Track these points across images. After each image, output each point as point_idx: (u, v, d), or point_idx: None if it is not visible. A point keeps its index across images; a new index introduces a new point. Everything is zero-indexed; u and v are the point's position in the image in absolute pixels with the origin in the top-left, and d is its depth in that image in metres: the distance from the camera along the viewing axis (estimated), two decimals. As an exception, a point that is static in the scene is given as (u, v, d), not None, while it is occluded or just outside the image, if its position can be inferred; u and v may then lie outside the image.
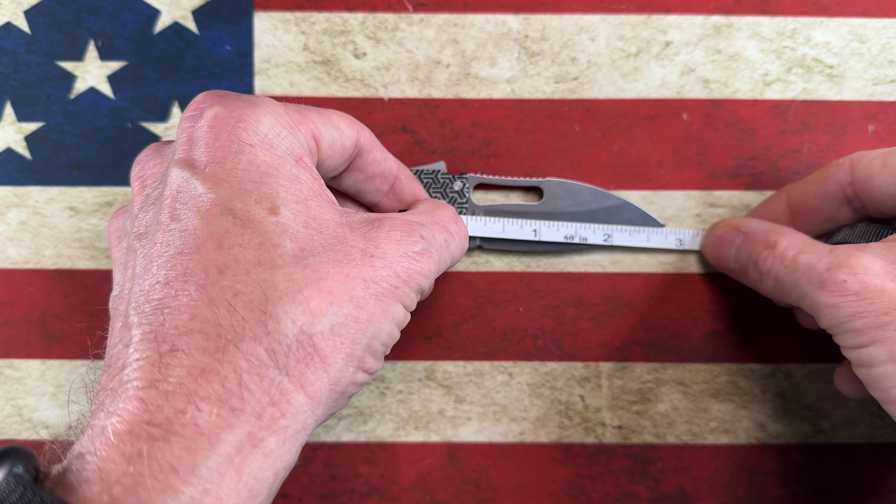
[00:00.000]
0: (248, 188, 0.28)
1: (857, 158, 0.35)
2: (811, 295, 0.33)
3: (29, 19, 0.41)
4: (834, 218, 0.37)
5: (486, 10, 0.42)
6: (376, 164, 0.36)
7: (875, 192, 0.35)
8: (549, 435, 0.42)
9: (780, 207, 0.39)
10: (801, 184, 0.38)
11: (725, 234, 0.39)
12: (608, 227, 0.41)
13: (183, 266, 0.26)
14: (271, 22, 0.42)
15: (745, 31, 0.42)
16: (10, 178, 0.42)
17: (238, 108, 0.29)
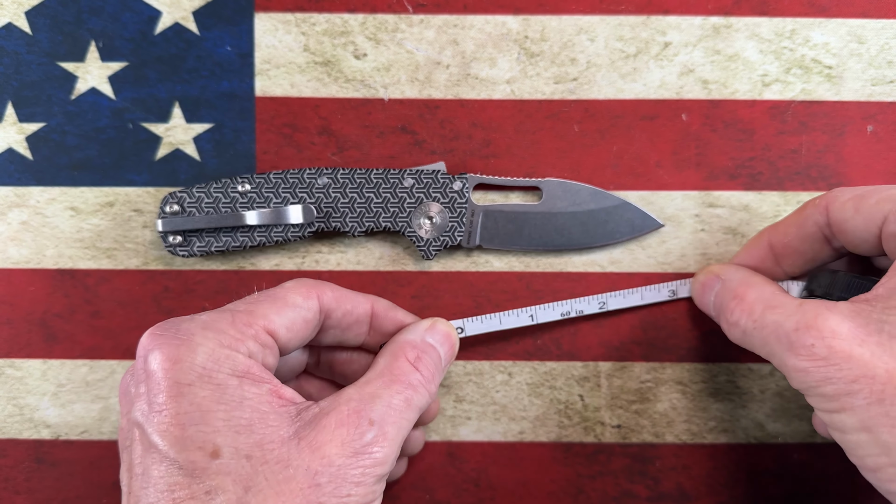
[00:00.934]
0: (190, 433, 0.29)
1: (831, 199, 0.35)
2: (779, 355, 0.33)
3: (30, 20, 0.42)
4: (817, 257, 0.37)
5: (485, 11, 0.42)
6: (347, 315, 0.36)
7: (849, 235, 0.34)
8: (549, 434, 0.42)
9: (762, 250, 0.38)
10: (780, 226, 0.38)
11: (707, 280, 0.39)
12: (602, 296, 0.41)
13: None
14: (272, 23, 0.42)
15: (744, 32, 0.42)
16: (11, 178, 0.42)
17: (174, 347, 0.30)
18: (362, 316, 0.37)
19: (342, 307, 0.36)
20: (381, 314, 0.37)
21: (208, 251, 0.40)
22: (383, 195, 0.40)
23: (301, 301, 0.33)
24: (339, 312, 0.36)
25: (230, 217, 0.39)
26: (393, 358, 0.34)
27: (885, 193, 0.33)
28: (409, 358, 0.34)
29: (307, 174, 0.40)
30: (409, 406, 0.33)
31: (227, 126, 0.42)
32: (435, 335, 0.37)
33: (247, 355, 0.31)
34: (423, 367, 0.34)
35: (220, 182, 0.40)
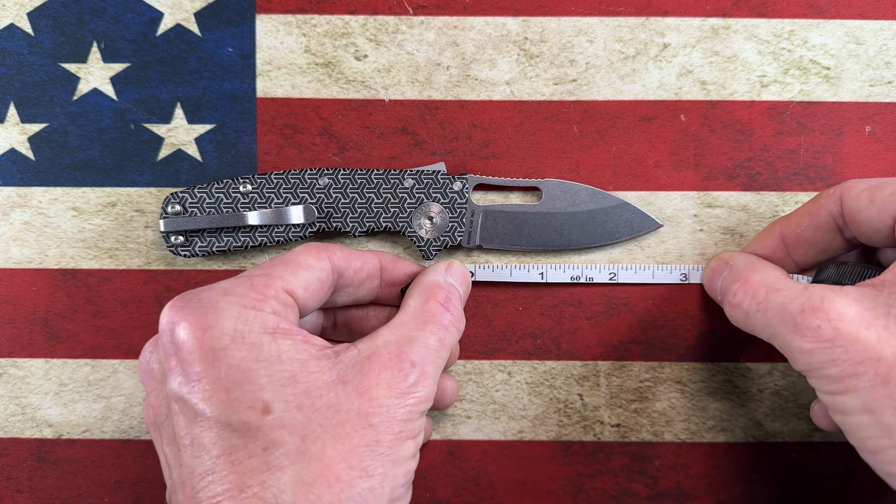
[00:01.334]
0: (237, 395, 0.29)
1: (846, 189, 0.35)
2: (783, 336, 0.33)
3: (32, 21, 0.42)
4: (829, 248, 0.37)
5: (485, 13, 0.42)
6: (358, 272, 0.37)
7: (862, 225, 0.35)
8: (548, 433, 0.42)
9: (774, 241, 0.38)
10: (793, 216, 0.38)
11: (717, 266, 0.40)
12: (613, 266, 0.42)
13: (211, 490, 0.28)
14: (273, 24, 0.42)
15: (743, 33, 0.42)
16: (13, 178, 0.42)
17: (200, 315, 0.30)
18: (373, 271, 0.38)
19: (352, 265, 0.36)
20: (389, 266, 0.38)
21: (210, 251, 0.40)
22: (384, 195, 0.41)
23: (313, 262, 0.34)
24: (351, 270, 0.36)
25: (232, 217, 0.40)
26: (424, 300, 0.35)
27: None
28: (439, 299, 0.35)
29: (308, 174, 0.40)
30: (443, 345, 0.34)
31: (228, 127, 0.42)
32: (454, 276, 0.38)
33: (272, 313, 0.31)
34: (452, 307, 0.35)
35: (221, 182, 0.40)
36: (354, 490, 0.29)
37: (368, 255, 0.38)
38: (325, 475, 0.28)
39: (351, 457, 0.29)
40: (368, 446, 0.30)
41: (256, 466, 0.28)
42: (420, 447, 0.32)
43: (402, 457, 0.30)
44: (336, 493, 0.28)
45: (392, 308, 0.39)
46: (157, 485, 0.42)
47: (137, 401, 0.42)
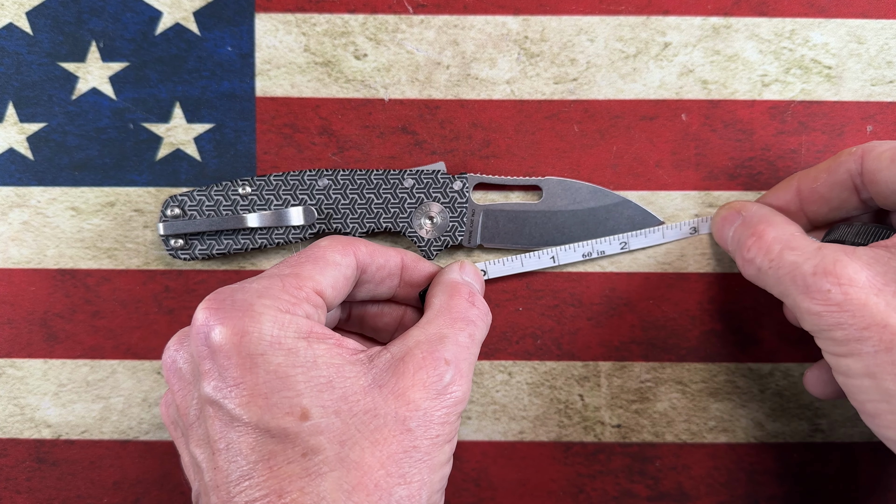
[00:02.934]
0: (275, 401, 0.29)
1: (868, 149, 0.35)
2: (793, 296, 0.33)
3: (31, 20, 0.42)
4: (843, 207, 0.37)
5: (485, 12, 0.42)
6: (380, 269, 0.37)
7: (881, 185, 0.35)
8: (549, 434, 0.42)
9: (789, 194, 0.38)
10: (811, 171, 0.38)
11: (728, 215, 0.39)
12: (623, 235, 0.41)
13: (249, 494, 0.28)
14: (272, 23, 0.42)
15: (744, 33, 0.42)
16: (12, 178, 0.42)
17: (237, 319, 0.30)
18: (394, 269, 0.37)
19: (376, 261, 0.36)
20: (410, 266, 0.38)
21: (210, 254, 0.40)
22: (384, 196, 0.40)
23: (340, 258, 0.34)
24: (374, 266, 0.36)
25: (231, 220, 0.39)
26: (448, 297, 0.35)
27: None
28: (463, 295, 0.35)
29: (307, 176, 0.40)
30: (474, 341, 0.34)
31: (227, 126, 0.42)
32: (468, 274, 0.38)
33: (305, 317, 0.31)
34: (478, 302, 0.35)
35: (220, 185, 0.40)
36: (393, 498, 0.29)
37: (391, 252, 0.37)
38: (364, 482, 0.28)
39: (389, 463, 0.29)
40: (406, 452, 0.29)
41: (295, 472, 0.28)
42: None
43: (439, 462, 0.30)
44: (375, 500, 0.28)
45: (407, 307, 0.39)
46: (156, 485, 0.42)
47: (136, 401, 0.42)
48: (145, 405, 0.42)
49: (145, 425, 0.42)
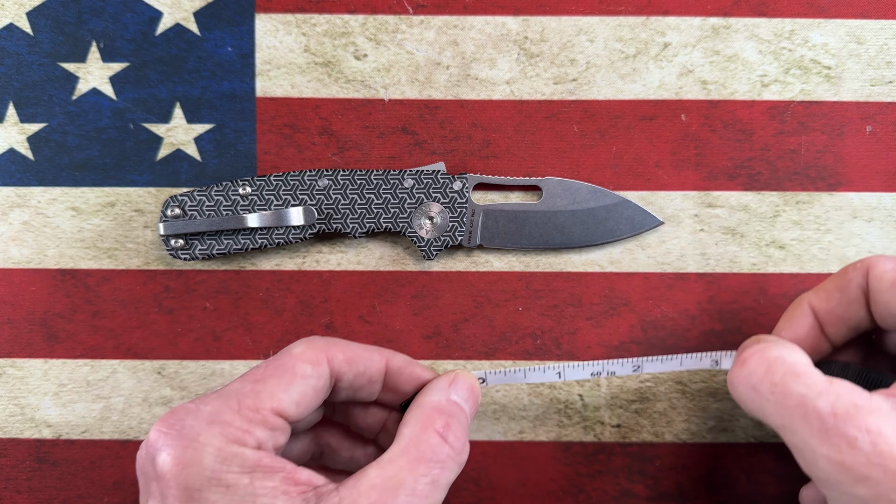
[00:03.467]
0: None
1: (872, 264, 0.33)
2: (803, 435, 0.29)
3: (31, 21, 0.42)
4: (860, 325, 0.34)
5: (485, 12, 0.42)
6: (359, 377, 0.34)
7: (881, 307, 0.32)
8: (549, 433, 0.42)
9: (807, 318, 0.35)
10: (822, 293, 0.35)
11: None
12: (637, 360, 0.37)
13: None
14: (272, 23, 0.42)
15: (743, 33, 0.42)
16: (12, 178, 0.42)
17: (181, 449, 0.29)
18: (375, 375, 0.35)
19: (354, 369, 0.34)
20: (395, 371, 0.35)
21: (210, 254, 0.40)
22: (384, 196, 0.40)
23: (310, 370, 0.32)
24: (351, 375, 0.34)
25: (231, 220, 0.40)
26: (420, 428, 0.32)
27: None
28: (437, 428, 0.32)
29: (307, 176, 0.40)
30: (436, 487, 0.30)
31: (227, 126, 0.42)
32: (459, 391, 0.34)
33: (256, 447, 0.30)
34: (452, 437, 0.32)
35: (221, 185, 0.40)
36: None
37: (375, 357, 0.35)
38: None
39: None
40: None
41: None
42: None
43: None
44: None
45: (394, 410, 0.37)
46: (157, 485, 0.42)
47: (136, 401, 0.42)
48: (145, 405, 0.42)
49: (145, 425, 0.42)
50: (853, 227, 0.42)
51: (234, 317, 0.42)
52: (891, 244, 0.42)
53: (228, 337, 0.42)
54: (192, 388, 0.42)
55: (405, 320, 0.42)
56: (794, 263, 0.42)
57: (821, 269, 0.42)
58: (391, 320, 0.42)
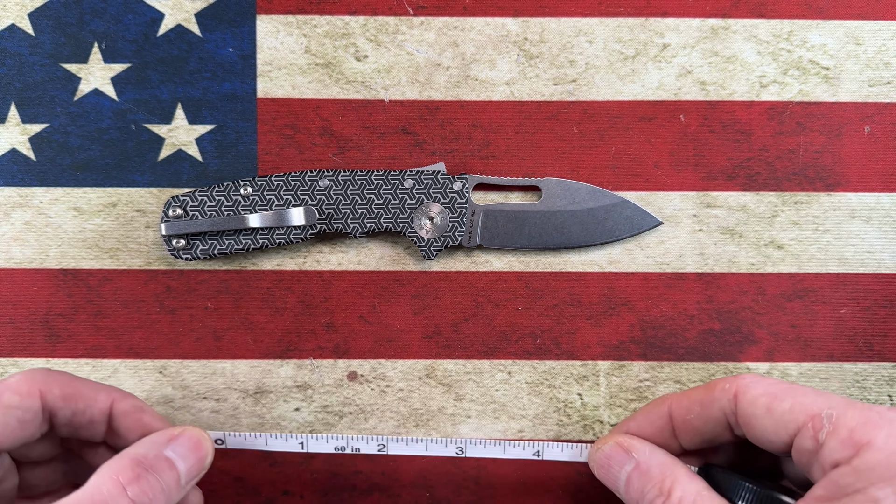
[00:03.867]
0: None
1: (742, 389, 0.33)
2: None
3: (33, 21, 0.42)
4: (717, 440, 0.35)
5: (485, 14, 0.42)
6: (79, 415, 0.33)
7: (756, 431, 0.32)
8: (548, 432, 0.42)
9: (662, 421, 0.36)
10: (685, 400, 0.35)
11: (614, 454, 0.36)
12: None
13: None
14: (273, 25, 0.42)
15: (742, 34, 0.42)
16: (14, 178, 0.42)
17: None
18: (97, 416, 0.34)
19: (72, 406, 0.33)
20: (121, 416, 0.34)
21: (211, 254, 0.40)
22: (384, 196, 0.41)
23: (18, 401, 0.31)
24: (68, 412, 0.33)
25: (233, 220, 0.40)
26: (105, 478, 0.30)
27: (799, 401, 0.31)
28: (121, 479, 0.30)
29: (308, 176, 0.40)
30: None
31: (229, 127, 0.42)
32: (178, 448, 0.33)
33: None
34: (136, 491, 0.30)
35: (222, 185, 0.40)
36: None
37: (100, 397, 0.33)
38: None
39: None
40: None
41: None
42: None
43: None
44: None
45: None
46: (159, 484, 0.42)
47: (138, 400, 0.42)
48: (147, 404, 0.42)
49: (147, 424, 0.42)
50: (851, 228, 0.42)
51: (236, 316, 0.42)
52: (889, 244, 0.42)
53: (230, 336, 0.42)
54: (194, 387, 0.42)
55: (405, 320, 0.42)
56: (792, 263, 0.42)
57: (819, 269, 0.42)
58: (391, 320, 0.42)
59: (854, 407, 0.29)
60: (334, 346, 0.42)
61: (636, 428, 0.37)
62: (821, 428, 0.29)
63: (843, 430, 0.29)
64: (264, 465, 0.42)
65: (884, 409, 0.29)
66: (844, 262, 0.42)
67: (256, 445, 0.37)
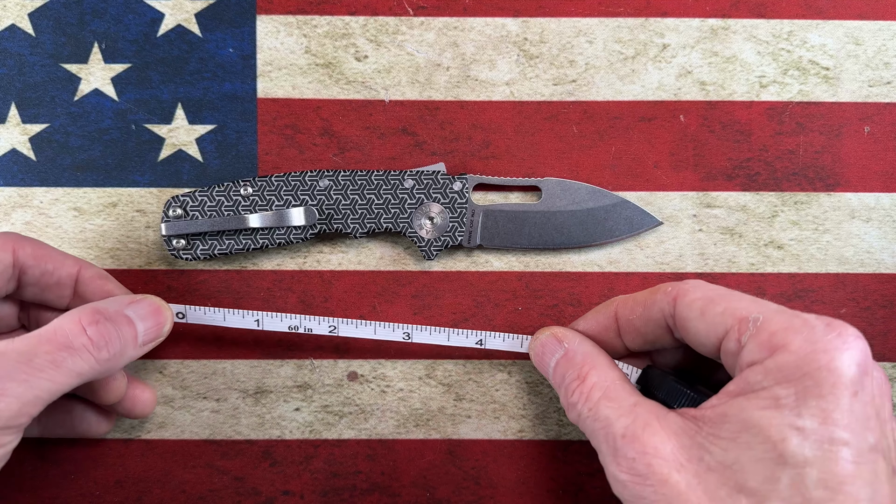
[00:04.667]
0: None
1: (681, 293, 0.33)
2: (603, 456, 0.32)
3: (33, 22, 0.42)
4: (658, 342, 0.36)
5: (485, 14, 0.42)
6: (47, 276, 0.35)
7: (690, 334, 0.33)
8: (548, 432, 0.42)
9: (608, 320, 0.37)
10: (629, 301, 0.36)
11: (548, 343, 0.38)
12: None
13: None
14: (274, 25, 0.42)
15: (742, 34, 0.42)
16: (14, 179, 0.42)
17: None
18: (65, 279, 0.36)
19: (41, 266, 0.35)
20: (87, 281, 0.36)
21: (211, 254, 0.40)
22: (384, 196, 0.41)
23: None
24: (37, 271, 0.35)
25: (233, 220, 0.40)
26: (66, 320, 0.32)
27: (732, 305, 0.31)
28: (82, 320, 0.32)
29: (308, 176, 0.40)
30: (58, 368, 0.31)
31: (229, 127, 0.42)
32: (138, 310, 0.35)
33: None
34: (94, 332, 0.32)
35: (222, 185, 0.40)
36: None
37: (68, 262, 0.35)
38: None
39: None
40: None
41: None
42: None
43: None
44: None
45: None
46: (158, 484, 0.42)
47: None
48: (147, 404, 0.42)
49: (147, 424, 0.42)
50: (851, 228, 0.42)
51: (236, 316, 0.42)
52: (889, 244, 0.42)
53: (230, 336, 0.42)
54: (194, 387, 0.42)
55: (405, 320, 0.42)
56: (792, 263, 0.42)
57: (819, 269, 0.42)
58: (391, 320, 0.42)
59: (782, 314, 0.30)
60: (334, 346, 0.42)
61: (584, 327, 0.38)
62: (745, 331, 0.30)
63: (764, 333, 0.30)
64: (264, 464, 0.42)
65: (811, 317, 0.30)
66: (844, 263, 0.42)
67: (215, 321, 0.39)
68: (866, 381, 0.28)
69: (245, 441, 0.42)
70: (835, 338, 0.29)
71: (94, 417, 0.40)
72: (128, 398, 0.39)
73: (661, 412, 0.32)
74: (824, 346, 0.28)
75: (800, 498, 0.27)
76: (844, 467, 0.27)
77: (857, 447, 0.27)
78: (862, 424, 0.28)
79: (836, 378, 0.28)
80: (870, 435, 0.28)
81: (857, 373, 0.28)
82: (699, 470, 0.29)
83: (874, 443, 0.28)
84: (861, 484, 0.27)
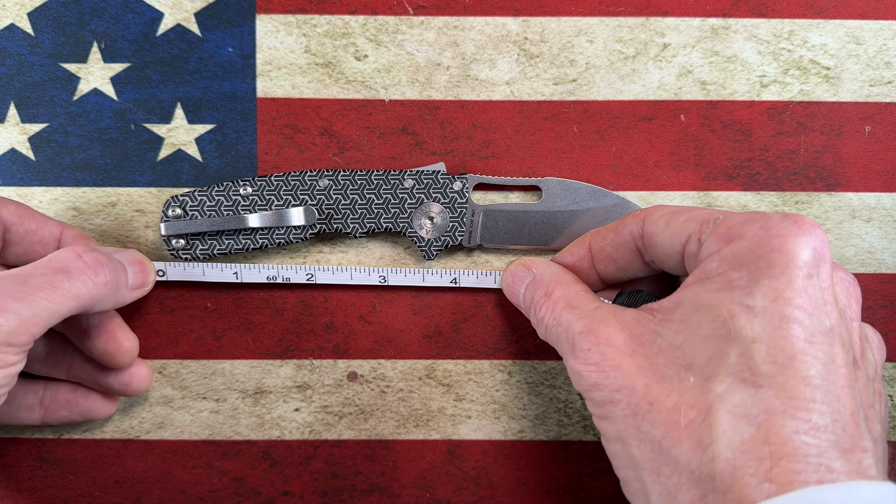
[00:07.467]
0: None
1: (650, 212, 0.34)
2: (564, 355, 0.33)
3: (32, 21, 0.42)
4: (629, 267, 0.36)
5: (485, 13, 0.42)
6: (31, 234, 0.36)
7: (657, 249, 0.34)
8: (549, 433, 0.42)
9: (582, 251, 0.38)
10: (602, 230, 0.37)
11: (517, 270, 0.39)
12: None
13: None
14: (273, 24, 0.42)
15: (743, 34, 0.42)
16: (13, 178, 0.42)
17: None
18: (48, 238, 0.37)
19: (25, 224, 0.36)
20: (70, 241, 0.37)
21: (211, 254, 0.40)
22: (384, 196, 0.41)
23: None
24: (21, 229, 0.36)
25: (232, 220, 0.40)
26: (58, 251, 0.34)
27: (695, 213, 0.32)
28: (76, 249, 0.34)
29: (308, 176, 0.40)
30: (55, 288, 0.32)
31: (228, 127, 0.42)
32: (124, 255, 0.37)
33: None
34: (88, 257, 0.34)
35: (221, 185, 0.40)
36: None
37: (51, 224, 0.37)
38: None
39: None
40: None
41: None
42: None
43: None
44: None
45: None
46: (157, 484, 0.42)
47: (138, 400, 0.42)
48: (147, 404, 0.42)
49: (147, 424, 0.42)
50: (852, 227, 0.42)
51: (235, 316, 0.42)
52: (890, 244, 0.42)
53: (229, 336, 0.42)
54: (193, 387, 0.42)
55: (405, 320, 0.42)
56: (792, 263, 0.42)
57: (819, 269, 0.42)
58: (391, 320, 0.42)
59: (744, 214, 0.30)
60: (334, 346, 0.42)
61: (559, 260, 0.39)
62: (706, 230, 0.31)
63: (722, 227, 0.30)
64: (264, 465, 0.42)
65: (771, 214, 0.30)
66: (845, 263, 0.42)
67: (194, 276, 0.40)
68: (822, 267, 0.28)
69: (245, 441, 0.42)
70: (790, 224, 0.29)
71: (97, 399, 0.40)
72: (125, 373, 0.39)
73: (619, 310, 0.32)
74: (779, 232, 0.29)
75: (748, 373, 0.27)
76: (795, 344, 0.27)
77: (809, 327, 0.27)
78: (817, 307, 0.28)
79: (788, 259, 0.28)
80: (826, 318, 0.28)
81: (812, 256, 0.28)
82: (650, 353, 0.30)
83: (830, 326, 0.28)
84: (812, 361, 0.27)
